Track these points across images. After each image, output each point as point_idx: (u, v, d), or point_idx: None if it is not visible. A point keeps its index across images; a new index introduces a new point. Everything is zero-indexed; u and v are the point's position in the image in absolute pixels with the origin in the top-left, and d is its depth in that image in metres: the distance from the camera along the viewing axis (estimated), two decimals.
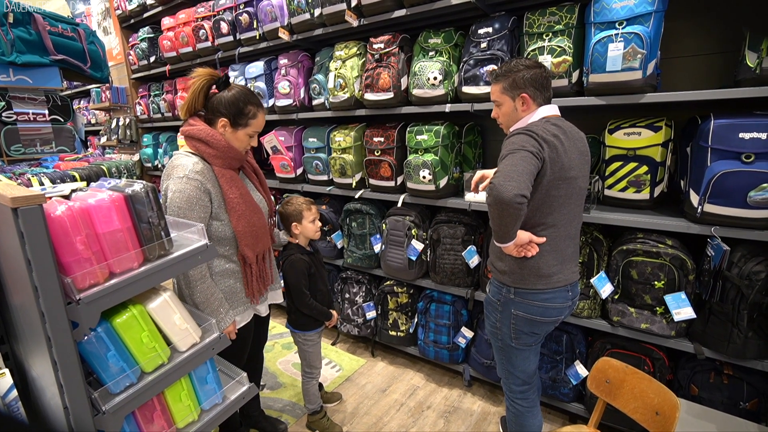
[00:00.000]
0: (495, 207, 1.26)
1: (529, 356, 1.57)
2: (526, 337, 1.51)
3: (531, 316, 1.47)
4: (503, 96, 1.46)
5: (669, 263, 1.65)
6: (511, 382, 1.62)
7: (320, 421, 2.08)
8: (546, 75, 1.43)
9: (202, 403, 1.16)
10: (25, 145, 2.08)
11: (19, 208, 0.76)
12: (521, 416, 1.64)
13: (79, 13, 4.82)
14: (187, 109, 1.48)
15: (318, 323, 1.96)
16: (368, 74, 2.26)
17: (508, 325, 1.51)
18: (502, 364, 1.63)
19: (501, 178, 1.23)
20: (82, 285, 0.86)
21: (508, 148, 1.33)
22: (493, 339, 1.62)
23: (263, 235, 1.56)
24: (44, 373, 0.92)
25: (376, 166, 2.39)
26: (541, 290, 1.44)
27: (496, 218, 1.30)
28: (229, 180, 1.45)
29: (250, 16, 2.77)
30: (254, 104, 1.48)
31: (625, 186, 1.77)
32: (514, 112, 1.46)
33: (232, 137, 1.47)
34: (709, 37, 1.82)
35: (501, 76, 1.46)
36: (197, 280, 1.37)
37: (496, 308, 1.55)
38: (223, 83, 1.48)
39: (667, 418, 1.22)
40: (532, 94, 1.41)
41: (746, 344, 1.54)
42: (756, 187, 1.41)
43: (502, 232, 1.33)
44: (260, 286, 1.60)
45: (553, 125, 1.37)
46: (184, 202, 1.35)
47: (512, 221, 1.27)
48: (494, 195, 1.23)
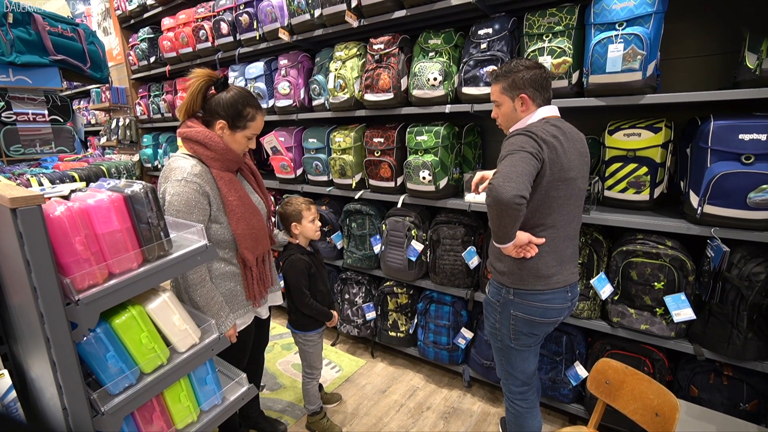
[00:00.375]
0: (494, 208, 1.26)
1: (529, 357, 1.57)
2: (525, 337, 1.51)
3: (530, 317, 1.47)
4: (503, 96, 1.46)
5: (669, 264, 1.65)
6: (511, 383, 1.62)
7: (320, 422, 2.08)
8: (546, 76, 1.43)
9: (202, 404, 1.16)
10: (25, 146, 2.08)
11: (18, 209, 0.76)
12: (521, 417, 1.64)
13: (79, 13, 4.82)
14: (185, 110, 1.46)
15: (318, 324, 1.96)
16: (368, 75, 2.26)
17: (507, 326, 1.52)
18: (501, 364, 1.63)
19: (500, 178, 1.23)
20: (81, 286, 0.86)
21: (507, 148, 1.33)
22: (492, 340, 1.62)
23: (263, 238, 1.55)
24: (43, 373, 0.91)
25: (376, 166, 2.39)
26: (541, 291, 1.44)
27: (495, 219, 1.30)
28: (227, 182, 1.44)
29: (250, 17, 2.77)
30: (253, 106, 1.46)
31: (625, 187, 1.77)
32: (514, 113, 1.46)
33: (230, 139, 1.46)
34: (709, 38, 1.82)
35: (501, 77, 1.46)
36: (197, 284, 1.36)
37: (496, 309, 1.55)
38: (222, 84, 1.46)
39: (667, 419, 1.22)
40: (532, 95, 1.41)
41: (746, 345, 1.54)
42: (756, 188, 1.41)
43: (501, 233, 1.33)
44: (261, 289, 1.59)
45: (553, 126, 1.37)
46: (182, 206, 1.34)
47: (511, 222, 1.27)
48: (493, 196, 1.23)
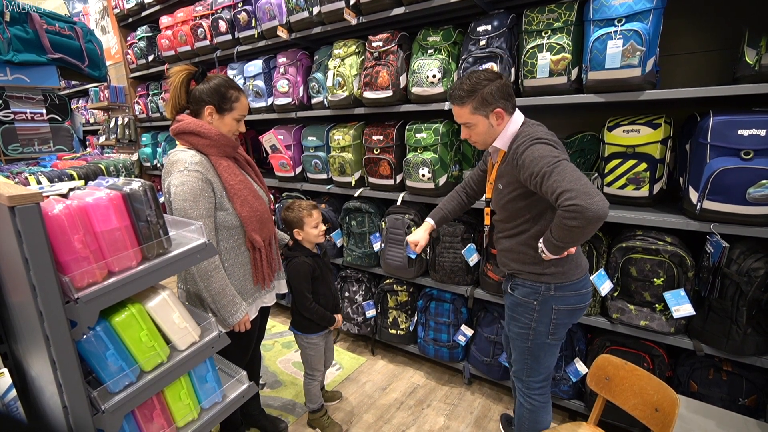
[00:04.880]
0: (588, 227, 1.17)
1: (556, 351, 1.58)
2: (562, 329, 1.52)
3: (572, 306, 1.48)
4: (475, 116, 1.40)
5: (668, 260, 1.65)
6: (532, 379, 1.60)
7: (321, 420, 2.08)
8: (508, 83, 1.41)
9: (202, 402, 1.15)
10: (23, 145, 2.07)
11: (16, 207, 0.75)
12: (536, 412, 1.62)
13: (76, 11, 4.80)
14: (172, 106, 1.52)
15: (321, 327, 1.95)
16: (367, 72, 2.25)
17: (547, 323, 1.50)
18: (525, 362, 1.59)
19: (584, 197, 1.14)
20: (81, 284, 0.86)
21: (541, 164, 1.24)
22: (519, 340, 1.57)
23: (267, 220, 1.60)
24: (43, 372, 0.91)
25: (376, 164, 2.38)
26: (579, 279, 1.47)
27: (580, 237, 1.22)
28: (226, 168, 1.48)
29: (248, 15, 2.76)
30: (235, 88, 1.53)
31: (625, 183, 1.77)
32: (490, 129, 1.41)
33: (219, 123, 1.51)
34: (708, 34, 1.82)
35: (466, 97, 1.38)
36: (212, 271, 1.39)
37: (532, 308, 1.50)
38: (201, 75, 1.53)
39: (667, 414, 1.23)
40: (504, 106, 1.38)
41: (745, 341, 1.54)
42: (755, 183, 1.41)
43: (573, 245, 1.31)
44: (269, 271, 1.63)
45: (540, 127, 1.39)
46: (188, 194, 1.37)
47: (595, 231, 1.22)
48: (588, 216, 1.14)
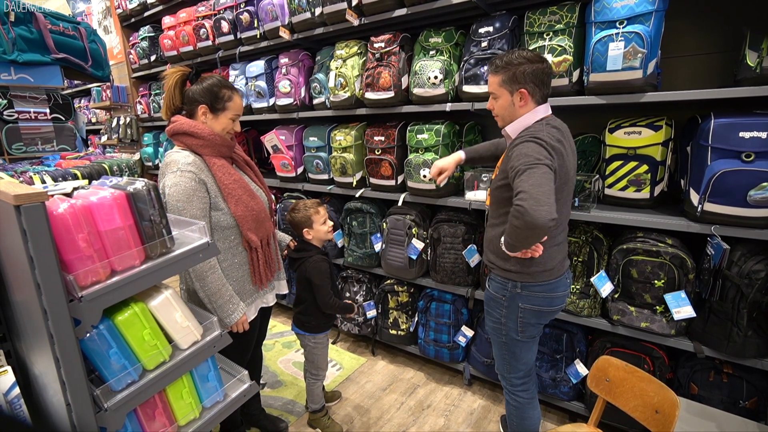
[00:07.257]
0: (525, 230, 1.22)
1: (531, 347, 1.59)
2: (531, 328, 1.53)
3: (538, 307, 1.48)
4: (501, 89, 1.42)
5: (669, 262, 1.66)
6: (513, 376, 1.63)
7: (321, 420, 2.08)
8: (548, 71, 1.40)
9: (204, 401, 1.16)
10: (27, 144, 2.08)
11: (21, 206, 0.76)
12: (522, 409, 1.65)
13: (79, 11, 4.82)
14: (167, 107, 1.53)
15: (327, 325, 1.96)
16: (369, 73, 2.26)
17: (514, 320, 1.52)
18: (504, 358, 1.63)
19: (531, 202, 1.19)
20: (84, 282, 0.86)
21: (522, 160, 1.29)
22: (495, 335, 1.62)
23: (264, 219, 1.59)
24: (46, 370, 0.92)
25: (377, 165, 2.39)
26: (547, 281, 1.46)
27: (522, 239, 1.28)
28: (221, 167, 1.48)
29: (250, 15, 2.77)
30: (228, 88, 1.53)
31: (626, 185, 1.77)
32: (511, 107, 1.43)
33: (214, 123, 1.51)
34: (710, 36, 1.82)
35: (501, 68, 1.40)
36: (207, 272, 1.40)
37: (501, 304, 1.54)
38: (195, 75, 1.54)
39: (667, 416, 1.23)
40: (531, 91, 1.38)
41: (746, 343, 1.54)
42: (756, 186, 1.42)
43: (520, 247, 1.33)
44: (267, 272, 1.62)
45: (554, 128, 1.37)
46: (181, 195, 1.38)
47: (537, 240, 1.27)
48: (527, 220, 1.19)
